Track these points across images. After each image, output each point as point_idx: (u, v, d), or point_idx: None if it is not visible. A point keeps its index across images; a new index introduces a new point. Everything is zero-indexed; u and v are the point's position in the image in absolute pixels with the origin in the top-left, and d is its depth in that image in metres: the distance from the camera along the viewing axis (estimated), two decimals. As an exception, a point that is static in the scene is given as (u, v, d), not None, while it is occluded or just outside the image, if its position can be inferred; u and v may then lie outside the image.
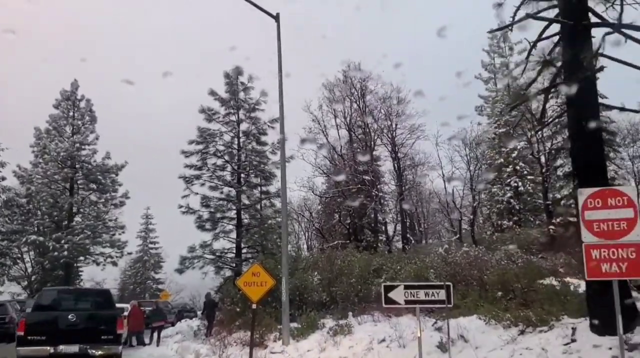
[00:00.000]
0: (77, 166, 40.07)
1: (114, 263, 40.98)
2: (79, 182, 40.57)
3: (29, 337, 12.44)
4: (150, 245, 59.15)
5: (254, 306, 15.80)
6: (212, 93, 27.35)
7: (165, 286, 54.59)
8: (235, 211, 27.05)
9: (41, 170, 39.57)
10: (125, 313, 21.96)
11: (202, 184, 26.85)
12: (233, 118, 27.90)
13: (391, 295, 11.40)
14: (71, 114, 41.41)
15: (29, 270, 41.31)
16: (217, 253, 26.61)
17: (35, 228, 39.24)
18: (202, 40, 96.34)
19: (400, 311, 15.57)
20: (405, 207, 33.44)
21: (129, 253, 45.30)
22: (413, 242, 33.77)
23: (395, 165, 34.35)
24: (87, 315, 13.29)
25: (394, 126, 34.79)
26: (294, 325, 17.44)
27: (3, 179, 40.08)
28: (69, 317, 12.95)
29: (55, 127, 41.20)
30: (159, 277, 58.46)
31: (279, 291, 17.70)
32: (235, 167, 27.49)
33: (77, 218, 39.58)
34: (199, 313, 40.83)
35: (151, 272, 58.65)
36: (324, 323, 16.86)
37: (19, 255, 40.80)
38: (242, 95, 27.90)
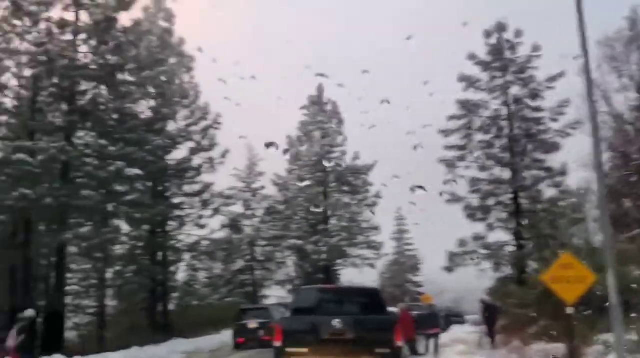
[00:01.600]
0: (328, 169, 39.70)
1: (371, 266, 39.47)
2: (331, 185, 40.15)
3: (288, 349, 9.92)
4: (406, 247, 57.29)
5: (569, 310, 11.64)
6: (472, 57, 23.49)
7: (424, 289, 51.91)
8: (510, 195, 22.65)
9: (295, 176, 40.02)
10: (394, 319, 19.12)
11: (467, 167, 23.07)
12: (499, 82, 23.65)
13: None
14: (319, 118, 41.24)
15: (292, 274, 41.97)
16: (492, 247, 22.48)
17: (294, 233, 39.54)
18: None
19: None
20: None
21: (386, 255, 43.60)
22: None
23: None
24: (355, 321, 10.18)
25: None
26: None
27: (263, 187, 41.49)
28: (334, 323, 10.04)
29: (305, 132, 41.36)
30: (417, 280, 56.11)
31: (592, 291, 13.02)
32: (506, 142, 23.16)
33: (333, 221, 39.01)
34: (466, 317, 36.97)
35: (409, 274, 56.62)
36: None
37: (282, 260, 41.65)
38: (508, 54, 23.56)
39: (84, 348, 26.57)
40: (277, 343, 10.01)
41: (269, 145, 28.37)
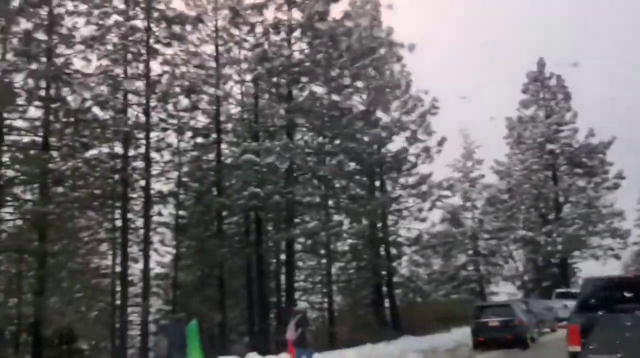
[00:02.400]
0: (556, 151, 35.72)
1: (616, 257, 34.48)
2: (561, 168, 36.09)
3: (591, 356, 7.83)
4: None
5: None
6: None
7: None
8: None
9: (518, 161, 36.80)
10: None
11: None
12: None
13: None
14: (541, 95, 37.41)
15: (520, 268, 38.62)
16: None
17: (521, 224, 36.23)
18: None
19: None
20: None
21: (635, 244, 38.01)
22: None
23: None
24: None
25: None
26: None
27: (482, 176, 38.79)
28: None
29: (527, 112, 37.74)
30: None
31: None
32: None
33: (566, 208, 34.92)
34: None
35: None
36: None
37: (508, 254, 38.52)
38: None
39: (316, 345, 26.97)
40: (574, 348, 8.01)
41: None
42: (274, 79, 23.56)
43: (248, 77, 26.34)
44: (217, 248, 24.59)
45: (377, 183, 28.89)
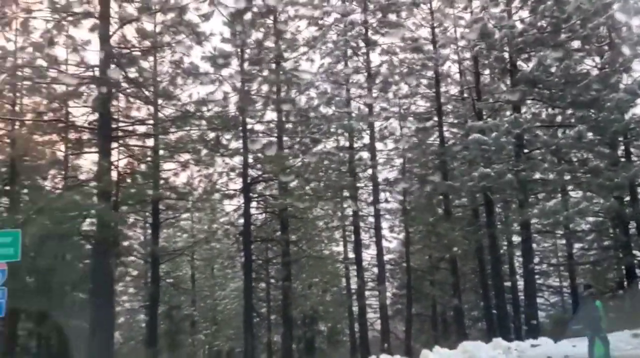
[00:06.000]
0: None
1: None
2: None
3: None
4: None
5: None
6: None
7: None
8: None
9: None
10: None
11: None
12: None
13: None
14: None
15: None
16: None
17: None
18: None
19: None
20: None
21: None
22: None
23: None
24: None
25: None
26: None
27: None
28: None
29: None
30: None
31: None
32: None
33: None
34: None
35: None
36: None
37: None
38: None
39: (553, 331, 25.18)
40: None
41: None
42: (496, 53, 22.33)
43: (466, 55, 25.45)
44: (447, 231, 24.23)
45: (619, 153, 25.86)
